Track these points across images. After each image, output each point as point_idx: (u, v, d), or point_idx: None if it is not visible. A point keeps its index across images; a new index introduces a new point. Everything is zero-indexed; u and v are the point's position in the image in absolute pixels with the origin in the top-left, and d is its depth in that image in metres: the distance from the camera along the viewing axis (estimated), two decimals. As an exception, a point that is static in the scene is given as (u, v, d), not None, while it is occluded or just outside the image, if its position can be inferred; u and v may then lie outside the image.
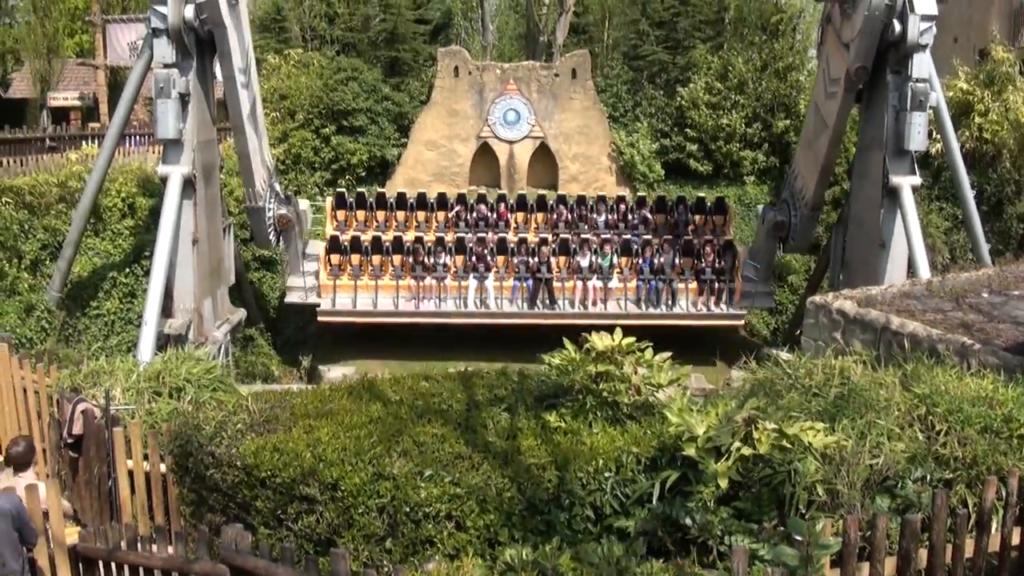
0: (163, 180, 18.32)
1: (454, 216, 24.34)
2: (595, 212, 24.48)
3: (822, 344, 9.39)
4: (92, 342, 20.08)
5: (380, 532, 5.94)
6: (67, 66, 37.79)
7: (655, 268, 22.53)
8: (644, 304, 22.33)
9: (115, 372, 10.46)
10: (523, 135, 27.32)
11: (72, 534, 7.43)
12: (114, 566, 6.85)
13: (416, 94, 28.75)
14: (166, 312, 18.11)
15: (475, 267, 22.50)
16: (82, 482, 9.33)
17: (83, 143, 27.68)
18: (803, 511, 5.53)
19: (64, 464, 9.79)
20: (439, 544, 5.86)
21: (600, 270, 22.49)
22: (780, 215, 22.62)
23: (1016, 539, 5.60)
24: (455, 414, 6.80)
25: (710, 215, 24.50)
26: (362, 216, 24.34)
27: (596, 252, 22.79)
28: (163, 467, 8.18)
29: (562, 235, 23.51)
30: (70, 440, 9.26)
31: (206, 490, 6.78)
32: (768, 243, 23.22)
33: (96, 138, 27.42)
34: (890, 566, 5.19)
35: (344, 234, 23.38)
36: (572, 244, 23.03)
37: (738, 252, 22.89)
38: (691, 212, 24.42)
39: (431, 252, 22.72)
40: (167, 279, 17.64)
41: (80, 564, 7.16)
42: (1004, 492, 5.54)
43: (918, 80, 18.26)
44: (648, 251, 22.76)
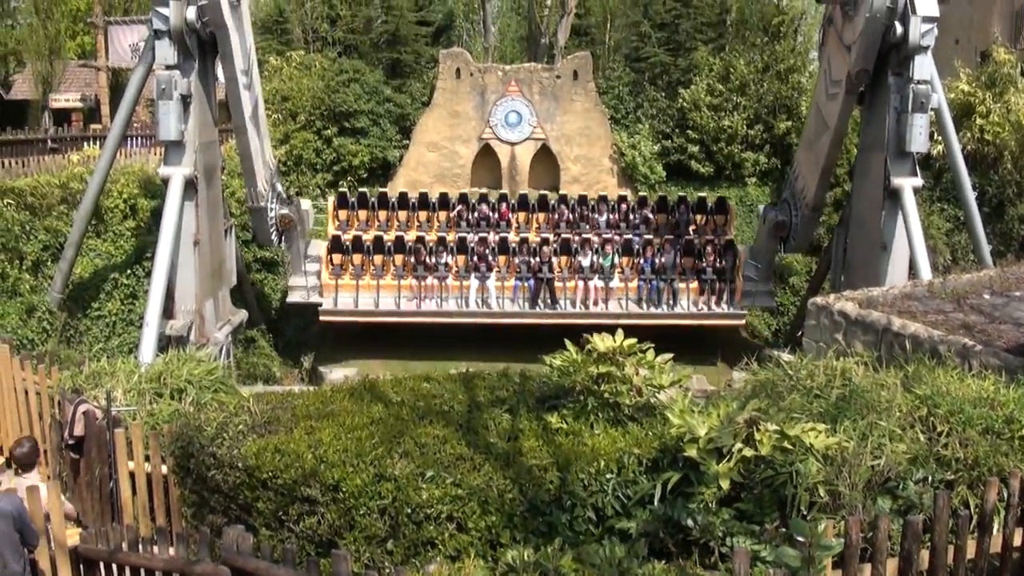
0: (165, 181, 18.35)
1: (456, 216, 24.35)
2: (596, 212, 24.50)
3: (823, 345, 9.37)
4: (93, 343, 20.09)
5: (382, 533, 5.93)
6: (69, 68, 37.76)
7: (656, 268, 22.56)
8: (645, 304, 22.37)
9: (116, 373, 10.48)
10: (525, 137, 27.30)
11: (73, 535, 7.44)
12: (115, 567, 6.86)
13: (418, 96, 28.74)
14: (167, 313, 18.12)
15: (477, 267, 22.51)
16: (83, 483, 9.34)
17: (85, 144, 27.66)
18: (805, 512, 5.52)
19: (65, 465, 9.80)
20: (440, 545, 5.85)
21: (601, 270, 22.51)
22: (781, 215, 22.61)
23: (1018, 540, 5.60)
24: (457, 415, 6.79)
25: (711, 215, 24.53)
26: (364, 216, 24.37)
27: (597, 252, 22.81)
28: (164, 468, 8.19)
29: (563, 235, 23.54)
30: (71, 441, 9.28)
31: (207, 491, 6.78)
32: (769, 243, 23.21)
33: (98, 139, 27.42)
34: (892, 567, 5.19)
35: (346, 234, 23.41)
36: (573, 244, 23.04)
37: (739, 252, 22.91)
38: (692, 212, 24.44)
39: (433, 252, 22.75)
40: (168, 280, 17.65)
41: (81, 565, 7.16)
42: (1006, 493, 5.55)
43: (919, 82, 18.28)
44: (649, 251, 22.78)
